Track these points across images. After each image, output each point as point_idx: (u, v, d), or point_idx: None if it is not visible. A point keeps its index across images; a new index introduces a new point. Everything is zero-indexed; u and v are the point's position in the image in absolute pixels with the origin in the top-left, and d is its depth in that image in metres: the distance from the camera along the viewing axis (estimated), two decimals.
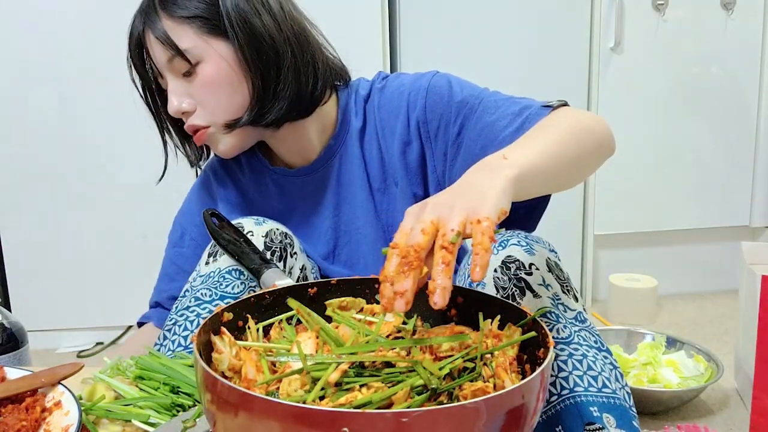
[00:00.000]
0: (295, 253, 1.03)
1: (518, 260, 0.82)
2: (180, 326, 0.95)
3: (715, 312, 2.10)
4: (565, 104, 0.92)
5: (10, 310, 1.34)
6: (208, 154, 1.14)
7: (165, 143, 1.10)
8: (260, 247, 0.97)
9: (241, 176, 1.14)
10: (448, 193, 0.64)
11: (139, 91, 1.04)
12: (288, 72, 0.96)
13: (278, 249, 1.00)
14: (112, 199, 1.95)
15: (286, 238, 1.02)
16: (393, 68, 2.01)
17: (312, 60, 0.99)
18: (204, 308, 0.94)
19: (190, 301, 0.96)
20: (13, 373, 0.80)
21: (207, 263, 0.98)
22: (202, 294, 0.95)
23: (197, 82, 0.96)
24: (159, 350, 0.96)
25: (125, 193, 1.95)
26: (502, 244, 0.87)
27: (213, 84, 0.96)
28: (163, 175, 1.10)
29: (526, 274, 0.82)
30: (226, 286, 0.95)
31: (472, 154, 0.95)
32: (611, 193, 2.16)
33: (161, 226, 2.02)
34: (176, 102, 0.98)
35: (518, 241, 0.86)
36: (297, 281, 0.99)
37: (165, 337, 0.96)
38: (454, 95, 0.98)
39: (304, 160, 1.08)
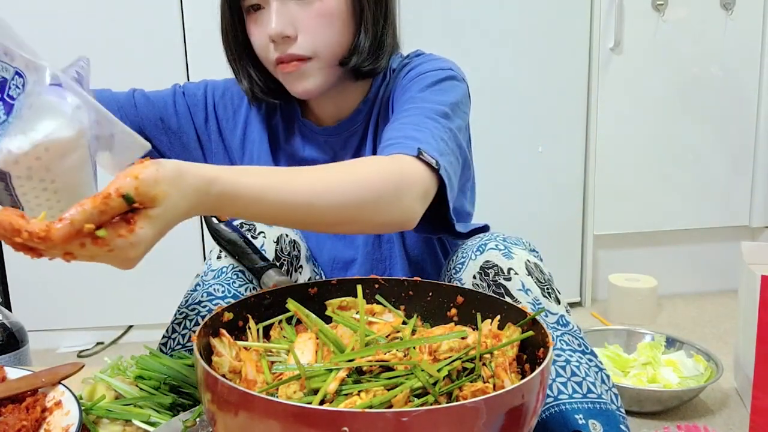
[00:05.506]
0: (301, 266, 1.03)
1: (496, 265, 0.82)
2: (191, 320, 0.95)
3: (715, 312, 2.10)
4: (439, 169, 0.80)
5: (10, 310, 1.34)
6: (258, 91, 1.05)
7: (236, 71, 1.04)
8: (271, 254, 0.97)
9: (275, 116, 1.10)
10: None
11: (220, 15, 0.99)
12: (391, 26, 0.99)
13: (286, 262, 1.00)
14: None
15: (294, 249, 1.01)
16: None
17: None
18: (216, 304, 0.94)
19: (201, 296, 0.96)
20: (13, 373, 0.80)
21: (219, 258, 0.98)
22: (214, 290, 0.95)
23: (315, 10, 0.93)
24: (167, 343, 0.96)
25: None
26: (480, 248, 0.86)
27: (332, 16, 0.94)
28: (253, 95, 1.04)
29: (504, 279, 0.81)
30: (239, 285, 0.95)
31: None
32: (611, 193, 2.16)
33: None
34: (280, 24, 0.92)
35: (496, 245, 0.85)
36: None
37: (174, 330, 0.96)
38: (414, 90, 0.95)
39: (332, 119, 1.06)
